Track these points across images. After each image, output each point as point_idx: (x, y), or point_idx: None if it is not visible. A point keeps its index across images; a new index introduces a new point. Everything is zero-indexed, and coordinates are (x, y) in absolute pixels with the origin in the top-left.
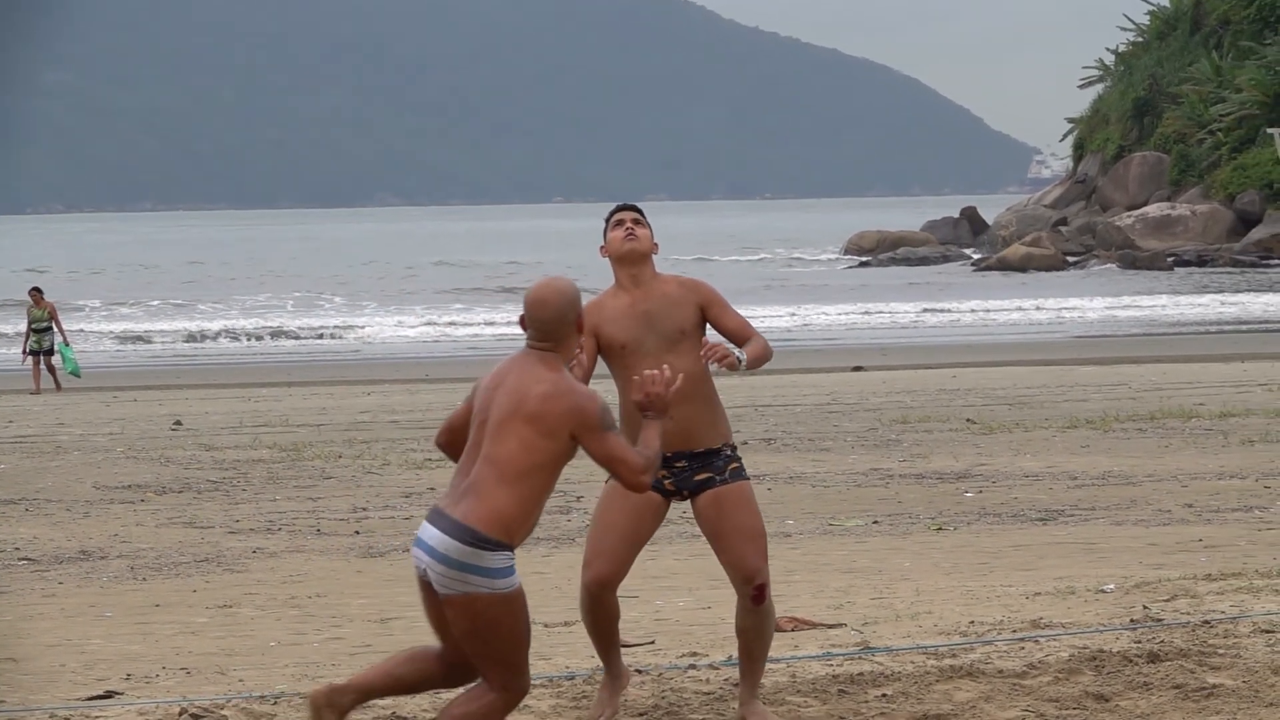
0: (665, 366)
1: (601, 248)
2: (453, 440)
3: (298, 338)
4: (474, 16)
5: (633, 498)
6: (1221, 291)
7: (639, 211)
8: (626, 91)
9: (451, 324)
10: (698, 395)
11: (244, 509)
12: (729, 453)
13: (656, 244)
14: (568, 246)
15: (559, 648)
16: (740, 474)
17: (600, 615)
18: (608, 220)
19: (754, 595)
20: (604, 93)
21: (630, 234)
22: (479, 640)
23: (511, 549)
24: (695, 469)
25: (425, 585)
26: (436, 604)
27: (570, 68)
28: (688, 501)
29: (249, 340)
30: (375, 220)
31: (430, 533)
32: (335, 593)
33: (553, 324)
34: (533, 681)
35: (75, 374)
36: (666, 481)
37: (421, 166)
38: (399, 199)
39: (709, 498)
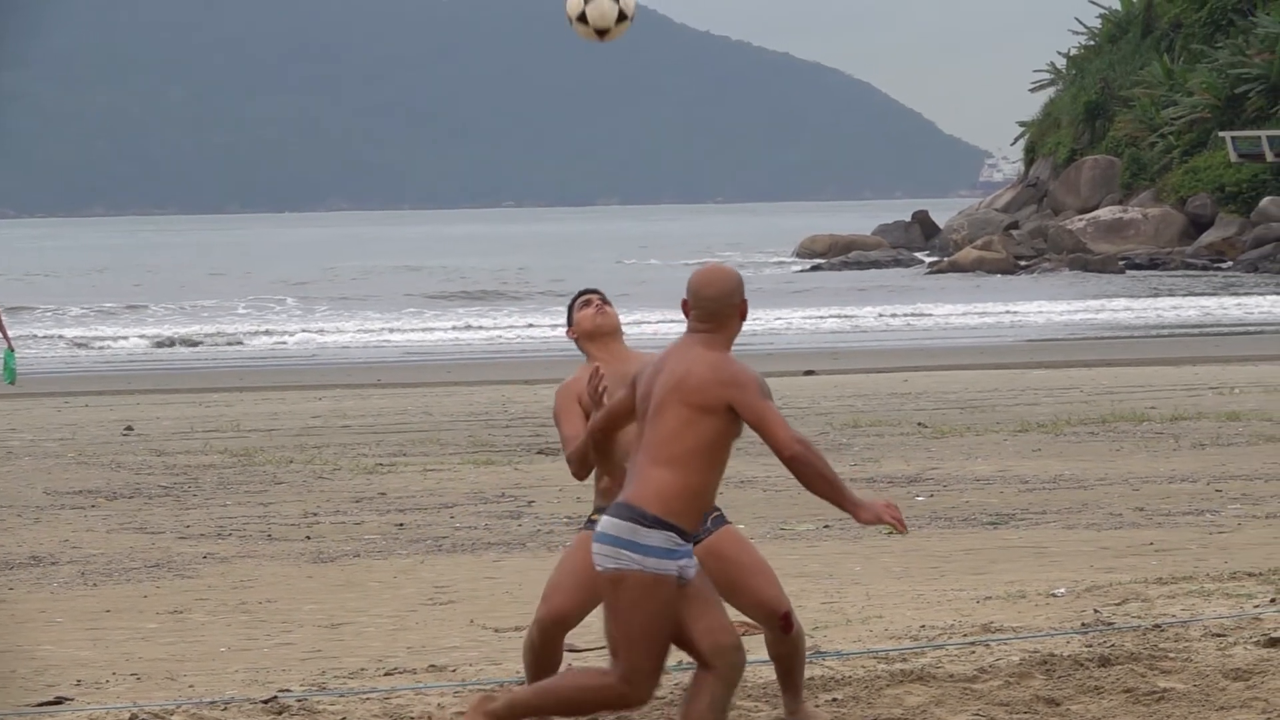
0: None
1: (569, 330)
2: (605, 428)
3: (247, 343)
4: (424, 21)
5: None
6: (1173, 295)
7: (599, 293)
8: (578, 95)
9: (402, 329)
10: None
11: (195, 514)
12: (714, 509)
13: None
14: (518, 250)
15: (510, 653)
16: (723, 519)
17: (544, 656)
18: (572, 305)
19: (783, 625)
20: (555, 97)
21: (600, 309)
22: (617, 619)
23: (676, 530)
24: None
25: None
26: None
27: (521, 72)
28: None
29: (200, 345)
30: (326, 225)
31: (603, 521)
32: (286, 598)
33: (717, 304)
34: (483, 687)
35: (11, 381)
36: None
37: (373, 171)
38: (350, 203)
39: (706, 548)
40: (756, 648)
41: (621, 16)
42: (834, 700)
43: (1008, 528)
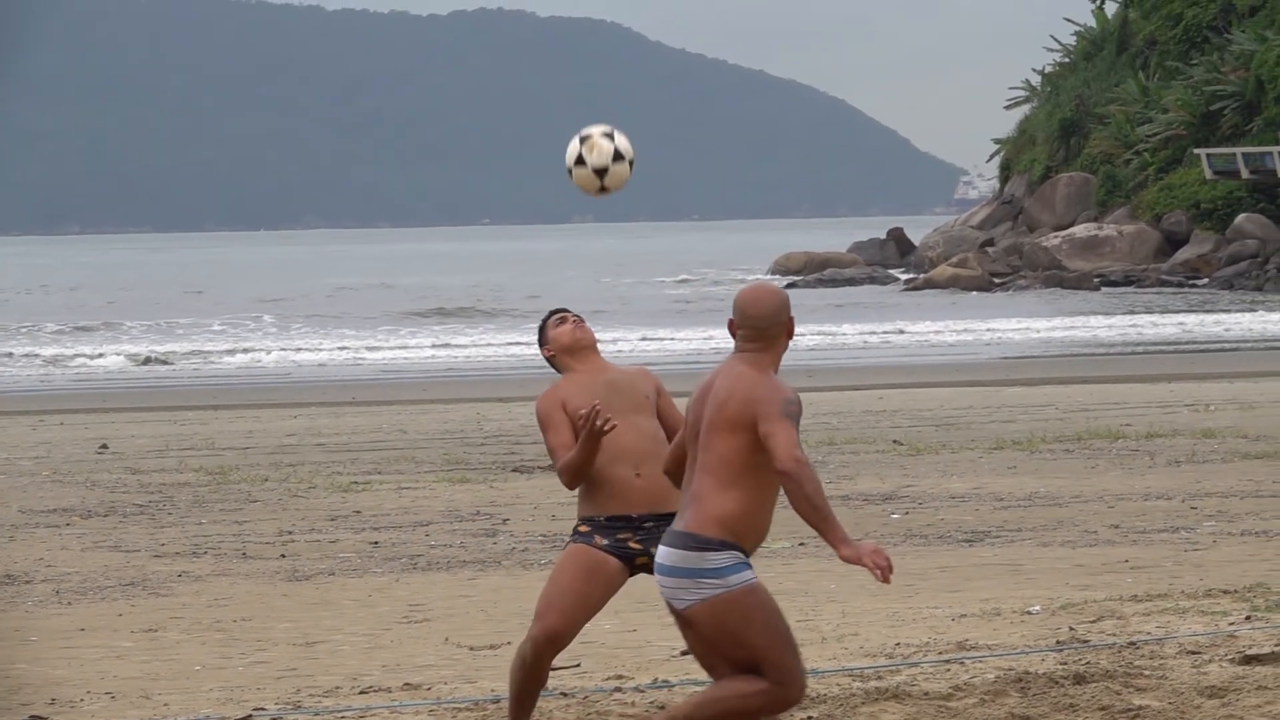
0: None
1: (544, 347)
2: (681, 466)
3: (222, 360)
4: (400, 39)
5: (592, 562)
6: (1149, 312)
7: (570, 311)
8: (554, 113)
9: (377, 346)
10: (663, 454)
11: (170, 532)
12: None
13: None
14: (494, 268)
15: (485, 671)
16: None
17: (534, 675)
18: (544, 324)
19: None
20: (531, 114)
21: (578, 324)
22: (736, 643)
23: (739, 549)
24: (663, 530)
25: (676, 616)
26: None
27: (497, 90)
28: (637, 574)
29: (176, 363)
30: (302, 243)
31: (662, 553)
32: (261, 616)
33: (765, 322)
34: (458, 706)
35: None
36: (632, 541)
37: (349, 189)
38: (326, 221)
39: None
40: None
41: (619, 156)
42: (809, 719)
43: (983, 545)
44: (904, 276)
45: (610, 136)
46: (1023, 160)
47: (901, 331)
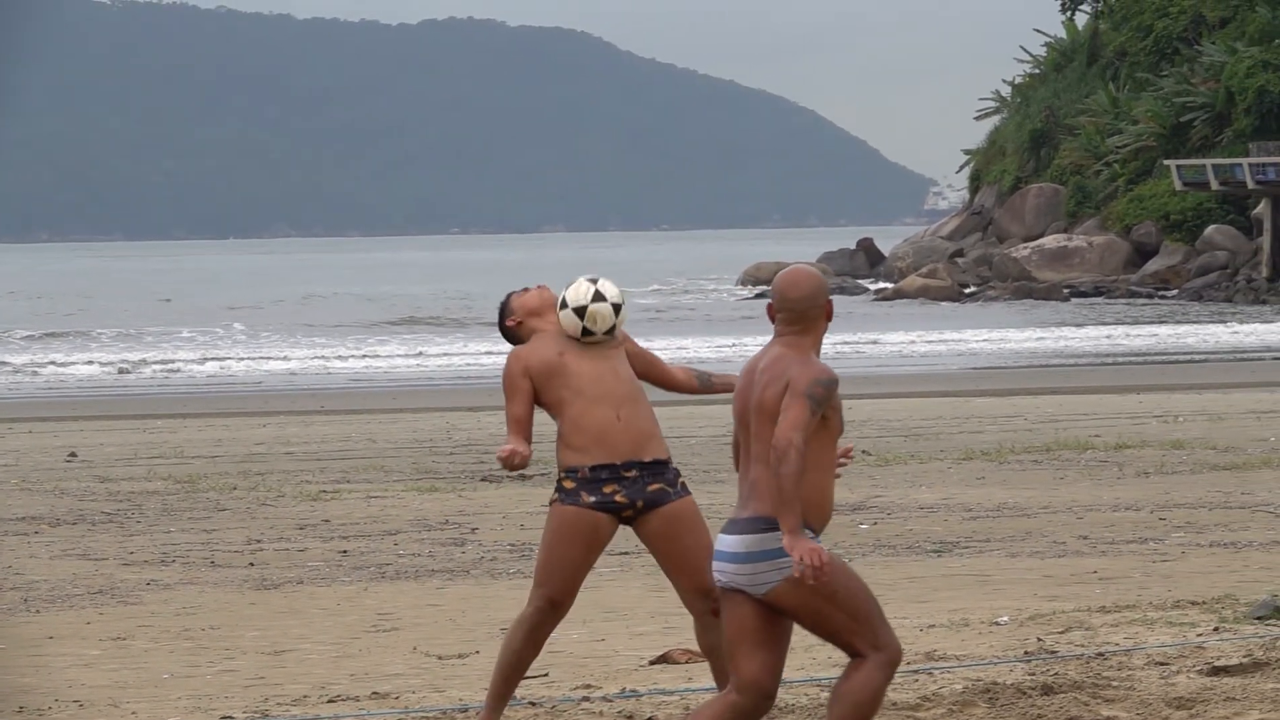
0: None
1: (510, 319)
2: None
3: (192, 369)
4: (369, 49)
5: (585, 526)
6: (1118, 323)
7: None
8: (523, 122)
9: (346, 355)
10: (641, 400)
11: (138, 541)
12: (674, 467)
13: None
14: (463, 277)
15: (453, 680)
16: (687, 488)
17: (534, 643)
18: (504, 302)
19: (714, 610)
20: (501, 124)
21: (541, 286)
22: (824, 615)
23: (812, 530)
24: (647, 480)
25: (729, 598)
26: (743, 614)
27: (467, 99)
28: (627, 525)
29: (145, 371)
30: (271, 251)
31: (728, 540)
32: (229, 625)
33: (804, 304)
34: (426, 714)
35: None
36: (618, 495)
37: (318, 198)
38: (295, 230)
39: (664, 515)
40: (699, 674)
41: (610, 331)
42: None
43: (951, 556)
44: (874, 287)
45: (617, 310)
46: (992, 171)
47: (875, 342)
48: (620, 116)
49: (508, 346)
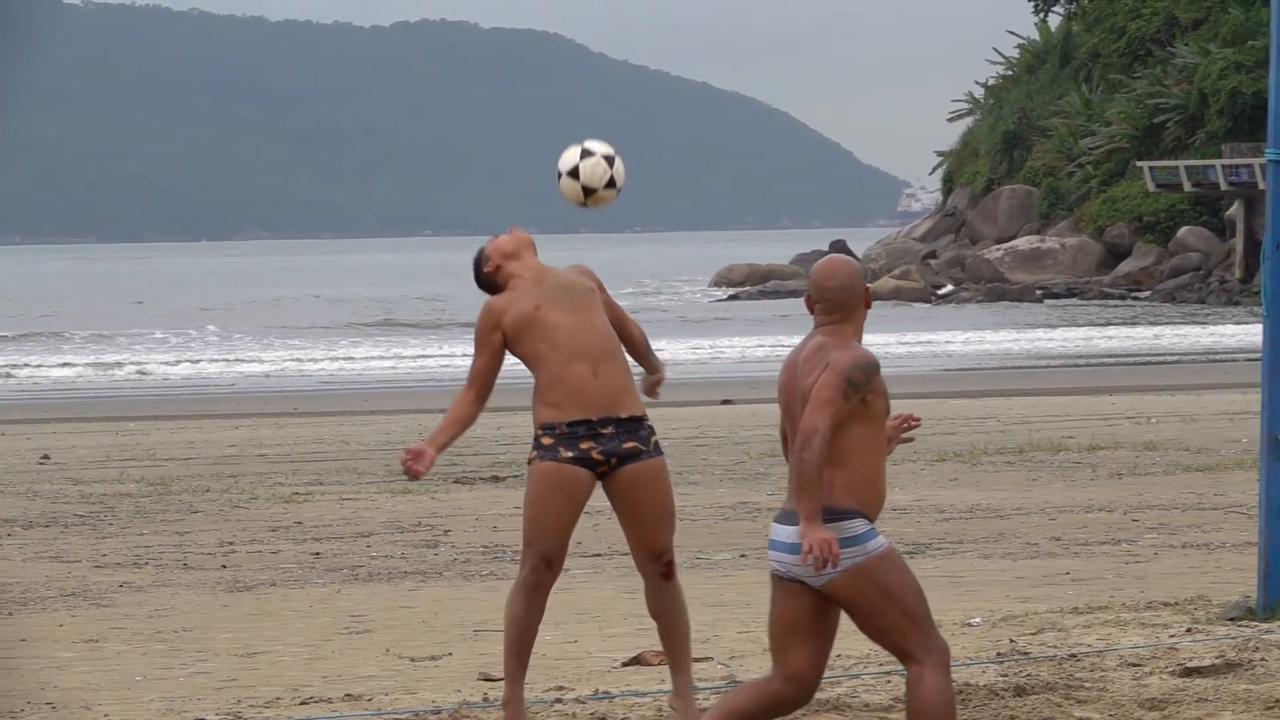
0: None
1: (486, 266)
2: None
3: (165, 371)
4: (341, 52)
5: (567, 480)
6: (1091, 324)
7: None
8: (496, 124)
9: (319, 357)
10: (618, 355)
11: (111, 543)
12: (649, 424)
13: None
14: (437, 279)
15: (425, 682)
16: (660, 448)
17: (536, 606)
18: (476, 260)
19: (664, 571)
20: (474, 126)
21: (514, 228)
22: (879, 610)
23: (866, 516)
24: (623, 436)
25: (785, 587)
26: (798, 604)
27: (440, 101)
28: (601, 480)
29: (118, 373)
30: (244, 254)
31: (786, 531)
32: (202, 627)
33: (842, 294)
34: (399, 716)
35: None
36: (594, 452)
37: (290, 200)
38: (268, 232)
39: (633, 472)
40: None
41: (611, 184)
42: None
43: (924, 557)
44: None
45: (610, 161)
46: (965, 173)
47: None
48: (593, 118)
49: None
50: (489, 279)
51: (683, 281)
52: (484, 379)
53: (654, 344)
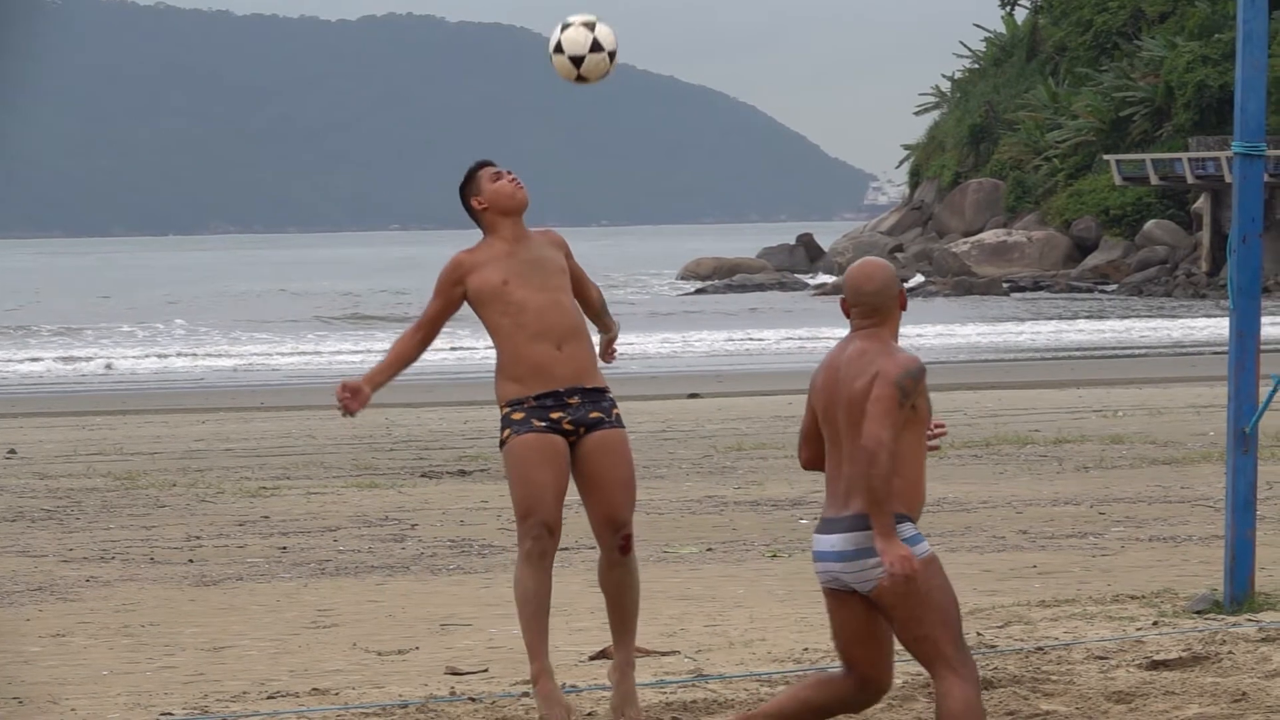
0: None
1: (476, 199)
2: (814, 454)
3: (132, 365)
4: (307, 45)
5: (548, 447)
6: (1058, 318)
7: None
8: (463, 118)
9: (286, 351)
10: (583, 333)
11: (78, 538)
12: (611, 395)
13: None
14: (403, 273)
15: (392, 676)
16: (621, 420)
17: (544, 575)
18: (476, 174)
19: (621, 545)
20: (440, 120)
21: (517, 183)
22: (915, 618)
23: (912, 520)
24: (588, 406)
25: (837, 597)
26: (853, 612)
27: (407, 95)
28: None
29: (85, 367)
30: (211, 248)
31: (830, 540)
32: (168, 621)
33: (879, 298)
34: (365, 711)
35: None
36: (564, 421)
37: (257, 194)
38: (235, 226)
39: (596, 440)
40: (638, 670)
41: (596, 46)
42: None
43: None
44: (813, 282)
45: (590, 27)
46: (932, 166)
47: (815, 337)
48: (559, 112)
49: (446, 346)
50: (472, 211)
51: (650, 275)
52: (433, 325)
53: (621, 337)
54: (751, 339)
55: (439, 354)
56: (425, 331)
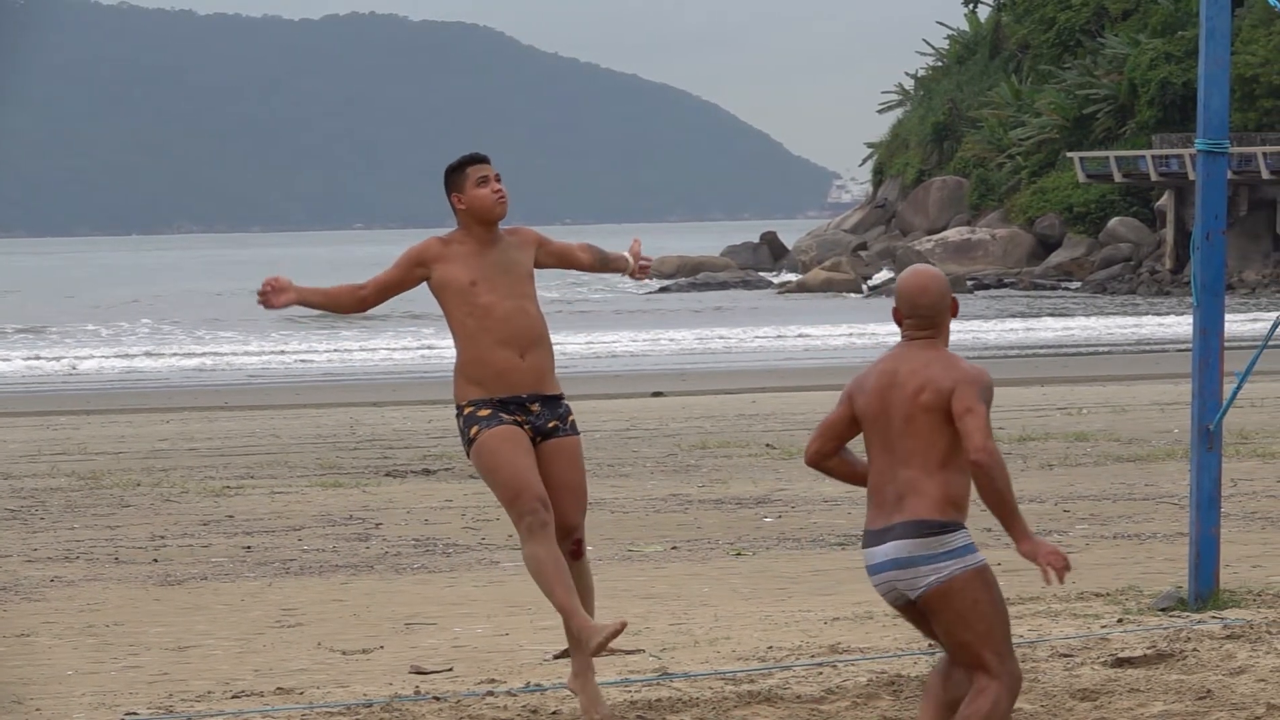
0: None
1: (457, 197)
2: (827, 451)
3: (96, 365)
4: (271, 44)
5: (514, 434)
6: (1022, 316)
7: (490, 161)
8: (426, 117)
9: (251, 351)
10: (546, 340)
11: (42, 537)
12: (566, 403)
13: None
14: (367, 272)
15: (357, 675)
16: (576, 427)
17: (553, 550)
18: (462, 170)
19: (573, 550)
20: (404, 119)
21: (501, 197)
22: (964, 625)
23: (965, 526)
24: (547, 415)
25: (905, 611)
26: (920, 620)
27: (370, 94)
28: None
29: (48, 367)
30: (175, 247)
31: (883, 550)
32: (133, 621)
33: (934, 310)
34: (330, 710)
35: None
36: (525, 426)
37: (221, 194)
38: (198, 226)
39: (552, 447)
40: (603, 668)
41: None
42: None
43: (855, 548)
44: (777, 280)
45: None
46: (896, 164)
47: (780, 336)
48: (523, 110)
49: (412, 345)
50: (450, 202)
51: (614, 274)
52: (380, 292)
53: (585, 336)
54: (718, 336)
55: (403, 353)
56: (369, 294)
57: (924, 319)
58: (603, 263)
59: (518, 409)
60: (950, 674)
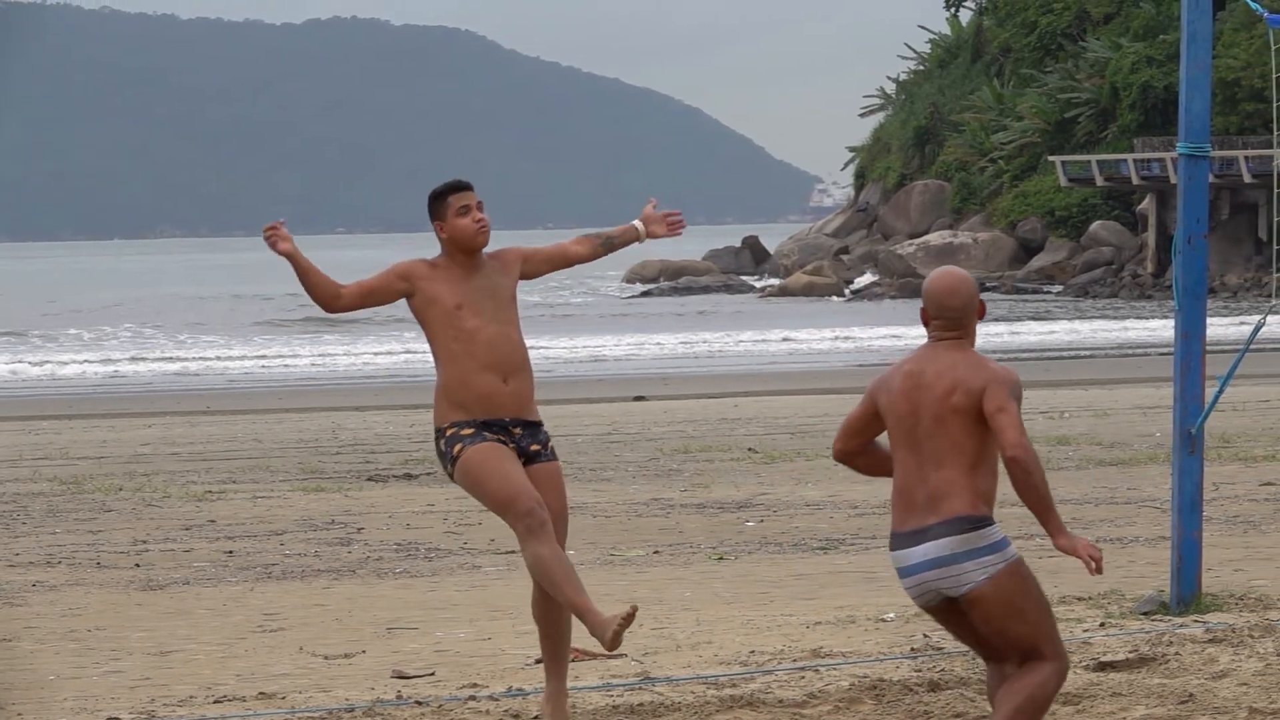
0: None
1: (439, 225)
2: (853, 449)
3: (79, 370)
4: (254, 48)
5: (499, 448)
6: (1004, 319)
7: (473, 189)
8: (409, 121)
9: (233, 355)
10: (527, 366)
11: (24, 542)
12: (545, 430)
13: None
14: (350, 277)
15: (339, 680)
16: (555, 453)
17: (553, 546)
18: (440, 197)
19: None
20: (386, 123)
21: (483, 227)
22: (1012, 620)
23: (990, 519)
24: (529, 439)
25: (940, 614)
26: (958, 622)
27: (352, 98)
28: None
29: (31, 372)
30: (157, 252)
31: (921, 551)
32: (115, 626)
33: (962, 312)
34: (312, 714)
35: None
36: (509, 446)
37: (203, 198)
38: (180, 230)
39: (534, 473)
40: (585, 673)
41: None
42: None
43: (838, 553)
44: (759, 284)
45: None
46: (877, 168)
47: (762, 340)
48: (505, 114)
49: (395, 349)
50: (434, 228)
51: (596, 278)
52: (361, 296)
53: (568, 341)
54: (701, 340)
55: (386, 357)
56: (351, 294)
57: (952, 320)
58: (606, 245)
59: (500, 430)
60: (1005, 675)
